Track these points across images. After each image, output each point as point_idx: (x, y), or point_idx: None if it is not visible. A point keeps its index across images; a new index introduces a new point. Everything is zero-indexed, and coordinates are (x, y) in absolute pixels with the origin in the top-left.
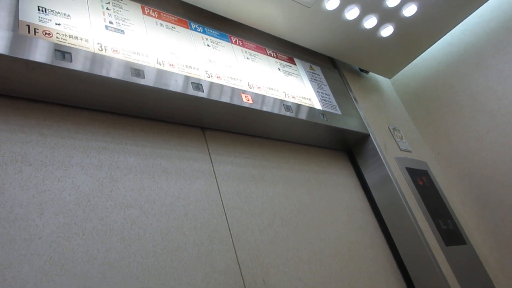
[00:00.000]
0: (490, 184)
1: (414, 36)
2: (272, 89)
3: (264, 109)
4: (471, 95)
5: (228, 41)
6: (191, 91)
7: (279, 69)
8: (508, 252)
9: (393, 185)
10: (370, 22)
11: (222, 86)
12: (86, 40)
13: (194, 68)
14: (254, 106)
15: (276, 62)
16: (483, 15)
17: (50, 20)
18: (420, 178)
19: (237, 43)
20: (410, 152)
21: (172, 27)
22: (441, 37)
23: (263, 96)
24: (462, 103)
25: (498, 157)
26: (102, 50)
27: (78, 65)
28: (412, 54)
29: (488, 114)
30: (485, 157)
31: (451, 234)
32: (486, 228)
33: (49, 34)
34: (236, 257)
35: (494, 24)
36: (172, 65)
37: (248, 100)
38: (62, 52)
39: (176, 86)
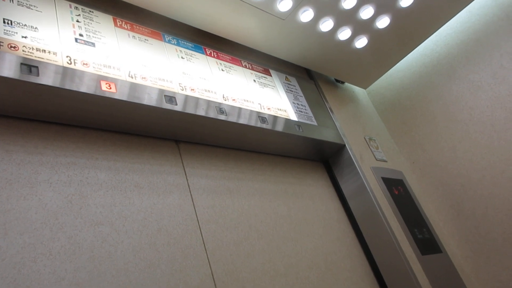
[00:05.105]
0: (464, 192)
1: (388, 47)
2: (247, 101)
3: (240, 121)
4: (444, 105)
5: (202, 53)
6: (165, 105)
7: (254, 80)
8: (482, 260)
9: (369, 195)
10: (344, 33)
11: (196, 99)
12: (55, 54)
13: (167, 81)
14: (230, 119)
15: (251, 73)
16: (453, 27)
17: (16, 33)
18: (396, 187)
19: (212, 55)
20: (386, 161)
21: (145, 39)
22: (414, 48)
23: (239, 108)
24: (435, 113)
25: (471, 166)
26: (71, 63)
27: (45, 79)
28: (386, 64)
29: (460, 123)
30: (458, 166)
31: (427, 243)
32: (461, 236)
33: (15, 47)
34: (211, 272)
35: (464, 36)
36: (144, 78)
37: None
38: (29, 66)
39: (149, 99)
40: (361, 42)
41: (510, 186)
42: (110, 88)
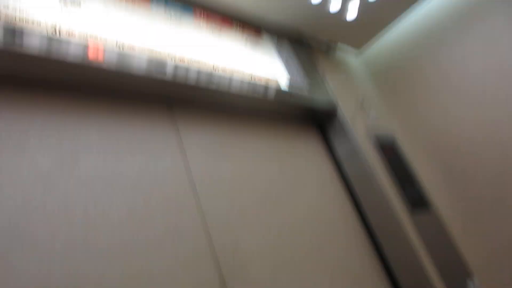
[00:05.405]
0: (454, 153)
1: (381, 6)
2: (238, 67)
3: (232, 90)
4: (436, 71)
5: (192, 15)
6: (155, 73)
7: (245, 44)
8: (470, 216)
9: (362, 157)
10: None
11: (187, 66)
12: (39, 24)
13: (156, 48)
14: (221, 88)
15: (243, 36)
16: None
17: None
18: (388, 149)
19: (202, 16)
20: (378, 124)
21: (133, 5)
22: (407, 8)
23: (230, 75)
24: (428, 79)
25: (461, 129)
26: (56, 33)
27: (31, 48)
28: (379, 24)
29: (452, 89)
30: (449, 129)
31: (418, 201)
32: (451, 195)
33: None
34: (206, 224)
35: (457, 3)
36: (132, 45)
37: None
38: (13, 34)
39: (138, 67)
40: (354, 1)
41: (499, 148)
42: (98, 57)
